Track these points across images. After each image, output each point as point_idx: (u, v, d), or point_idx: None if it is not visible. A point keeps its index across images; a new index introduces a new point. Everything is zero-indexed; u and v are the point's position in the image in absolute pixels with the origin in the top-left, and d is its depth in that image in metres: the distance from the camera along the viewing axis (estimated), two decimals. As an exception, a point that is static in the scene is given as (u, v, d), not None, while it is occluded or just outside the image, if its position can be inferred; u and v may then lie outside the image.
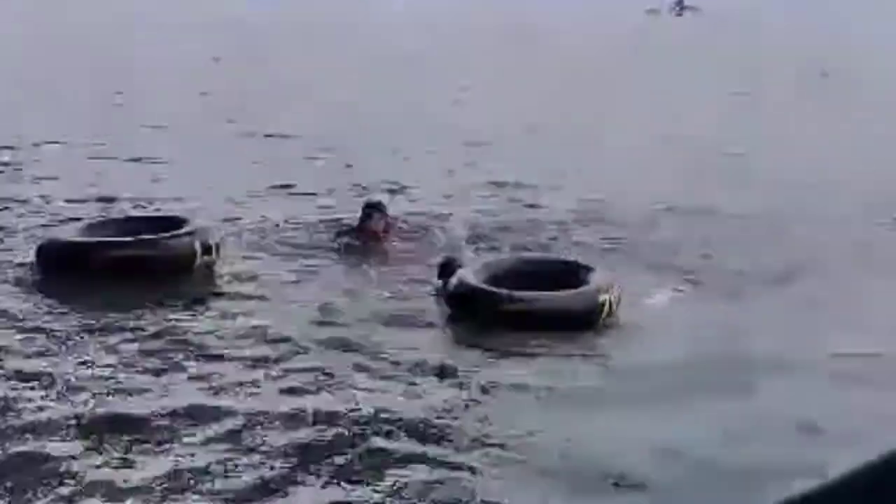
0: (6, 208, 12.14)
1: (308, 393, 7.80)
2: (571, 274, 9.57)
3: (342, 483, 6.61)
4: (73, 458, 6.76)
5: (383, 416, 7.47)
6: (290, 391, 7.86)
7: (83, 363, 8.21)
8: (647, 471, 6.71)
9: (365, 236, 10.78)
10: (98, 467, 6.67)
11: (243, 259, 10.29)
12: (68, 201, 12.29)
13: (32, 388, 7.75)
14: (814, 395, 7.90)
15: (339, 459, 6.85)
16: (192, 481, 6.55)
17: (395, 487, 6.54)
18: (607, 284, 9.35)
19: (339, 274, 10.14)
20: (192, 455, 6.87)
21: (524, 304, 9.13)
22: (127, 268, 9.68)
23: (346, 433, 7.23)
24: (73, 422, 7.23)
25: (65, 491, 6.39)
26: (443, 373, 6.95)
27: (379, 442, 7.07)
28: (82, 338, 8.69)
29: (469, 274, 9.48)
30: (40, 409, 7.44)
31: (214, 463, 6.77)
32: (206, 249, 9.90)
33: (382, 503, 6.35)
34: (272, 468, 6.73)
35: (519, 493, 6.52)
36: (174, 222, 10.31)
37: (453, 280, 9.41)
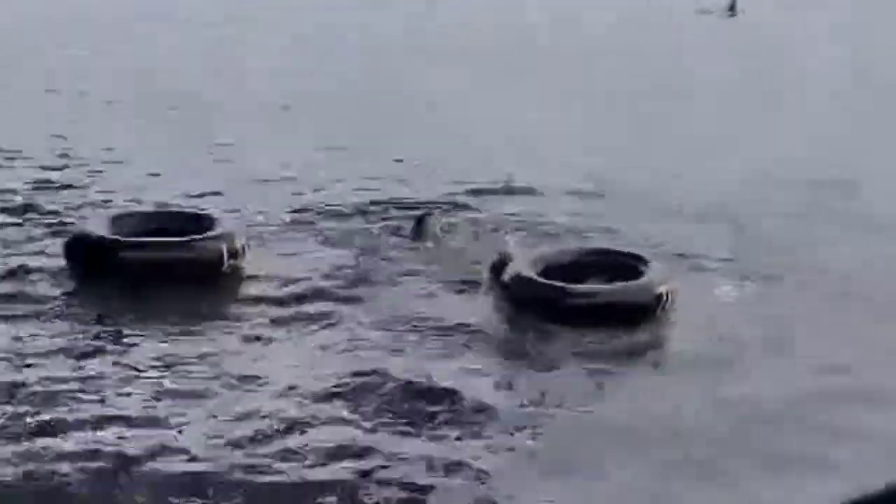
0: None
1: (348, 404, 7.47)
2: (626, 265, 9.31)
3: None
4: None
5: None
6: (325, 402, 7.52)
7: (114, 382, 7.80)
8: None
9: (418, 241, 10.51)
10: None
11: (272, 260, 9.82)
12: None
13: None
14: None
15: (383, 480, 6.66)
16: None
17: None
18: (664, 275, 9.14)
19: (382, 275, 9.66)
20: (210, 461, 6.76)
21: (583, 298, 8.93)
22: (158, 270, 9.41)
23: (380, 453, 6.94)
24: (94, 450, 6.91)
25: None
26: None
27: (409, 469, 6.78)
28: (102, 350, 8.30)
29: (523, 267, 9.18)
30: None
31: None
32: (233, 253, 9.53)
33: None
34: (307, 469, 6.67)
35: None
36: (199, 219, 9.95)
37: (507, 273, 9.12)
